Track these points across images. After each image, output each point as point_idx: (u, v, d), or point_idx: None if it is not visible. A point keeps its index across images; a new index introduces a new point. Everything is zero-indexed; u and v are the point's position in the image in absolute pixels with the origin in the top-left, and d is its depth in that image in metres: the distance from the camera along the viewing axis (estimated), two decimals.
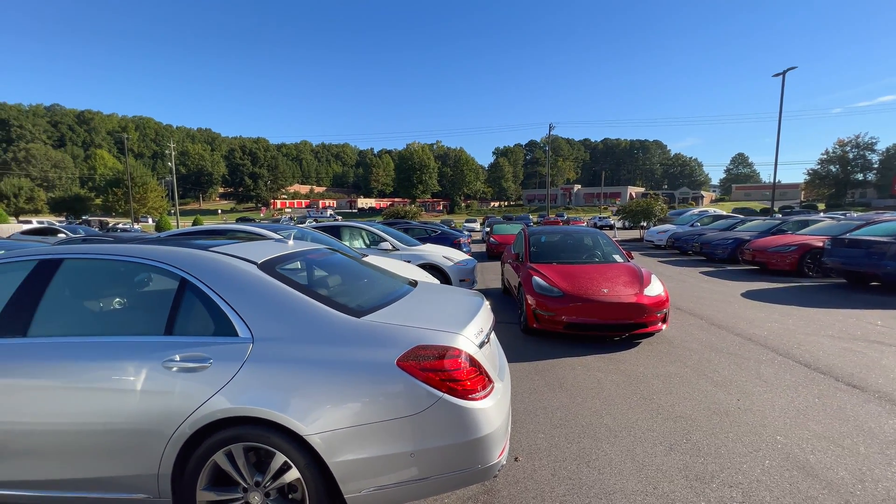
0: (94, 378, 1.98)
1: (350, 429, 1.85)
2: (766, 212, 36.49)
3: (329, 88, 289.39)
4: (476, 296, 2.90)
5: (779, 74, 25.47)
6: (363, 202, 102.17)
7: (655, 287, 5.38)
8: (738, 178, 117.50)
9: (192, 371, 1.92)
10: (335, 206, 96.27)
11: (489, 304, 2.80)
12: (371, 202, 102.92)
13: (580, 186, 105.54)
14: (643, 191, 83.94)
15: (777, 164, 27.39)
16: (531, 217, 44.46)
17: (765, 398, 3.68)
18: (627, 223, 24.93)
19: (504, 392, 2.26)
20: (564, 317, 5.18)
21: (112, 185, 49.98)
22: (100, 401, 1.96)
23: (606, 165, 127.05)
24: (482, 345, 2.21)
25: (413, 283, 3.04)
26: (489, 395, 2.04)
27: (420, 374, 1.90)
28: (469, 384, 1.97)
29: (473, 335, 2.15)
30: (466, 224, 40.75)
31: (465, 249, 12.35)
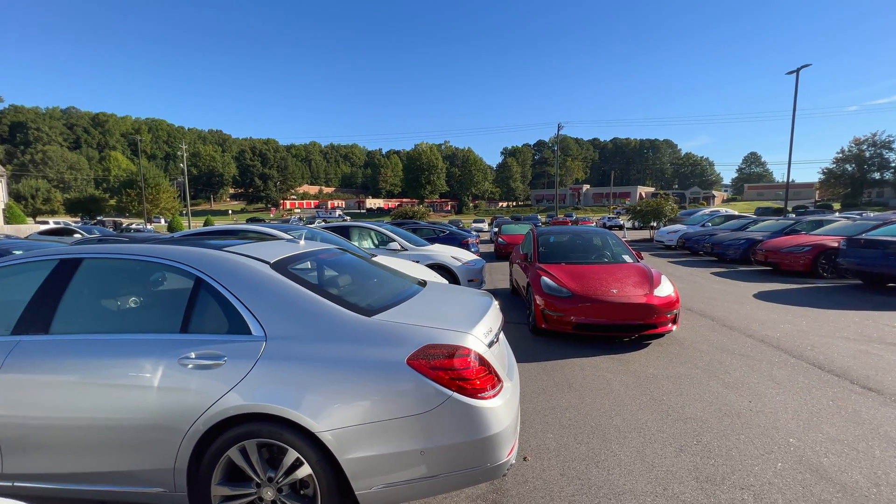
0: (113, 374, 2.04)
1: (361, 426, 1.87)
2: (780, 212, 35.90)
3: (337, 89, 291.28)
4: (485, 296, 2.91)
5: (792, 72, 25.09)
6: (371, 202, 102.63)
7: (665, 287, 5.35)
8: (751, 178, 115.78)
9: (207, 368, 1.96)
10: (344, 207, 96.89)
11: (498, 304, 2.81)
12: (379, 202, 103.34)
13: (589, 186, 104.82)
14: (653, 191, 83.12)
15: (791, 163, 26.94)
16: (539, 217, 44.28)
17: (777, 400, 3.64)
18: (637, 223, 24.68)
19: (513, 391, 2.27)
20: (573, 317, 5.16)
21: (126, 186, 50.90)
22: (118, 397, 2.02)
23: (616, 165, 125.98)
24: (491, 344, 2.22)
25: (422, 283, 3.07)
26: (498, 395, 2.06)
27: (430, 373, 1.92)
28: (478, 383, 1.98)
29: (483, 335, 2.17)
30: (474, 224, 40.70)
31: (474, 250, 12.36)
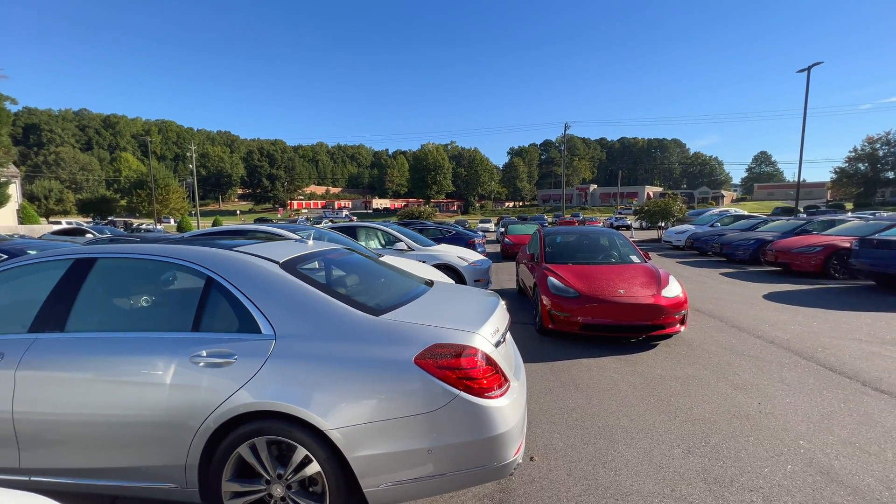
0: (126, 372, 2.08)
1: (369, 424, 1.89)
2: (790, 211, 35.39)
3: (344, 90, 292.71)
4: (492, 296, 2.92)
5: (803, 70, 24.76)
6: (378, 203, 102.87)
7: (673, 288, 5.31)
8: (761, 177, 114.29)
9: (218, 366, 1.99)
10: (350, 207, 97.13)
11: (505, 304, 2.82)
12: (386, 203, 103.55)
13: (596, 186, 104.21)
14: (661, 190, 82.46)
15: (802, 163, 26.61)
16: (546, 217, 44.10)
17: (787, 402, 3.60)
18: (645, 224, 24.47)
19: (520, 391, 2.27)
20: (580, 318, 5.15)
21: (136, 187, 51.51)
22: (131, 394, 2.05)
23: (623, 165, 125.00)
24: (498, 344, 2.23)
25: (429, 283, 3.08)
26: (505, 394, 2.06)
27: (437, 372, 1.93)
28: (485, 382, 1.99)
29: (490, 334, 2.18)
30: (481, 224, 40.67)
31: (480, 250, 12.35)
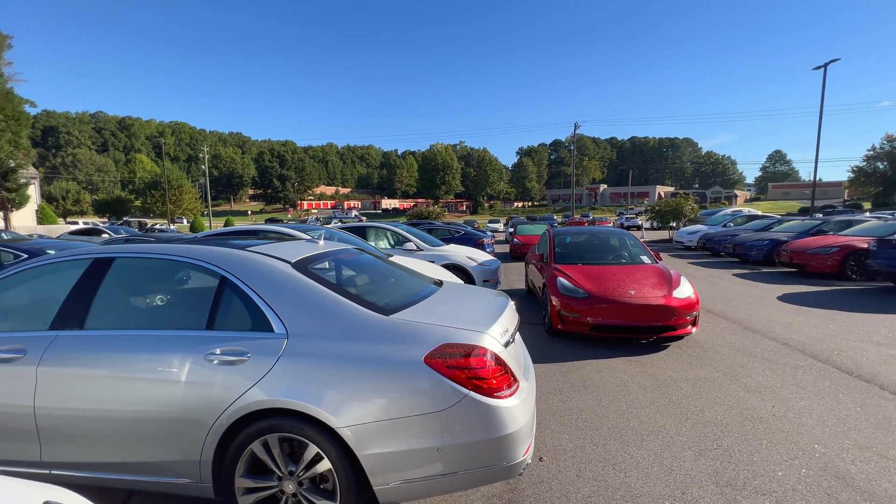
0: (143, 369, 2.12)
1: (379, 423, 1.91)
2: (805, 211, 34.72)
3: (354, 91, 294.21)
4: (501, 296, 2.92)
5: (820, 67, 24.29)
6: (387, 203, 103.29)
7: (685, 289, 5.25)
8: (776, 177, 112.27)
9: (232, 364, 2.03)
10: (360, 207, 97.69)
11: (514, 305, 2.82)
12: (395, 203, 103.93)
13: (606, 186, 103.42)
14: (672, 190, 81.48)
15: (818, 162, 26.03)
16: (556, 217, 43.86)
17: (802, 405, 3.55)
18: (656, 224, 24.18)
19: (529, 391, 2.27)
20: (590, 318, 5.12)
21: (150, 188, 52.43)
22: (147, 390, 2.10)
23: (634, 164, 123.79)
24: (507, 344, 2.23)
25: (438, 283, 3.09)
26: (514, 394, 2.07)
27: (446, 372, 1.95)
28: (494, 382, 2.00)
29: (499, 334, 2.18)
30: (490, 224, 40.55)
31: (489, 250, 12.34)
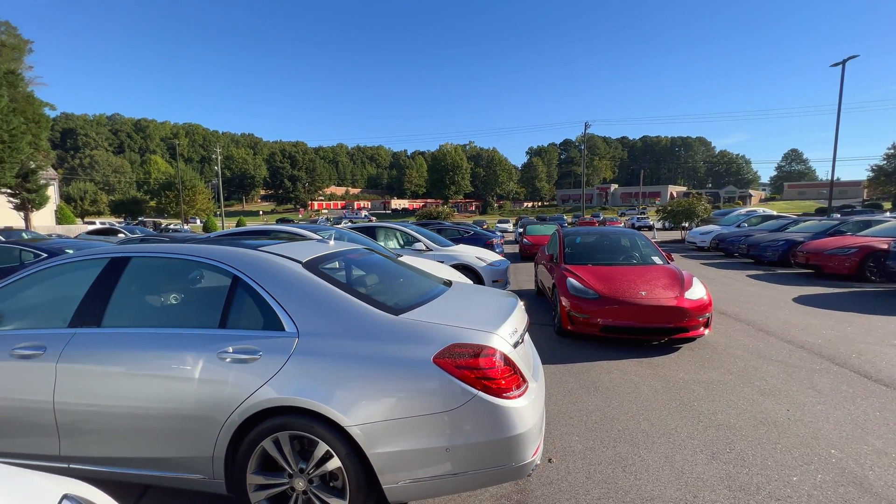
0: (158, 366, 2.17)
1: (388, 422, 1.92)
2: (822, 211, 33.96)
3: (364, 91, 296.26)
4: (510, 296, 2.92)
5: (838, 64, 23.75)
6: (396, 203, 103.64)
7: (697, 290, 5.18)
8: (792, 176, 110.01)
9: (244, 362, 2.06)
10: (369, 207, 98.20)
11: (523, 305, 2.81)
12: (404, 203, 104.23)
13: (617, 186, 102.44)
14: (685, 190, 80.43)
15: (835, 160, 25.48)
16: (565, 218, 43.56)
17: (818, 409, 3.48)
18: (668, 224, 23.88)
19: (538, 392, 2.27)
20: (600, 319, 5.08)
21: (164, 188, 53.42)
22: (162, 387, 2.14)
23: (645, 164, 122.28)
24: (516, 345, 2.23)
25: (448, 283, 3.10)
26: (523, 395, 2.06)
27: (455, 372, 1.95)
28: (503, 383, 2.00)
29: (508, 335, 2.18)
30: (499, 225, 40.38)
31: (498, 250, 12.30)
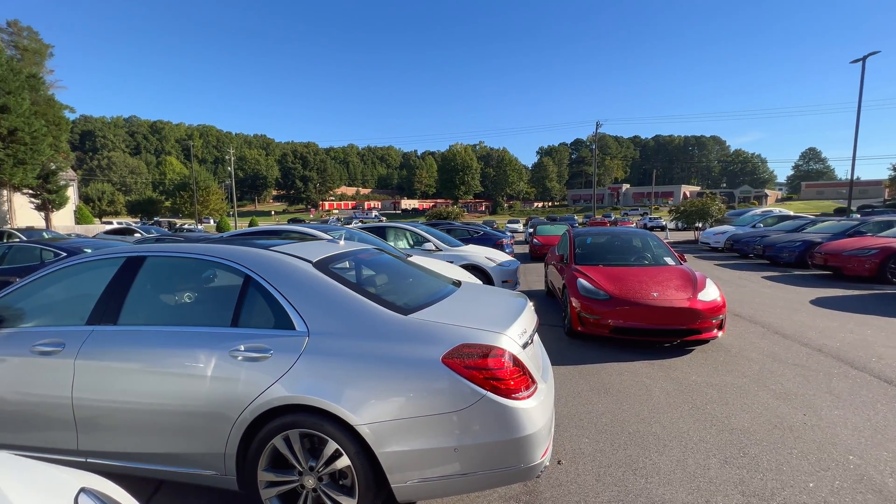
0: (172, 364, 2.21)
1: (397, 421, 1.93)
2: (841, 211, 33.15)
3: (374, 92, 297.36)
4: (519, 297, 2.91)
5: (858, 60, 23.17)
6: (406, 203, 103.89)
7: (711, 291, 5.10)
8: (809, 175, 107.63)
9: (255, 361, 2.09)
10: (380, 208, 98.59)
11: (533, 306, 2.80)
12: (414, 203, 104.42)
13: (629, 186, 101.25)
14: (698, 189, 79.21)
15: (855, 159, 24.84)
16: (576, 218, 43.23)
17: (836, 414, 3.39)
18: (681, 224, 23.55)
19: (547, 393, 2.26)
20: (611, 320, 5.03)
21: (179, 189, 54.41)
22: (176, 384, 2.18)
23: (658, 163, 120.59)
24: (526, 345, 2.22)
25: (457, 284, 3.10)
26: (532, 396, 2.06)
27: (464, 372, 1.95)
28: (512, 383, 1.99)
29: (517, 335, 2.18)
30: (509, 225, 40.25)
31: (508, 250, 12.26)
